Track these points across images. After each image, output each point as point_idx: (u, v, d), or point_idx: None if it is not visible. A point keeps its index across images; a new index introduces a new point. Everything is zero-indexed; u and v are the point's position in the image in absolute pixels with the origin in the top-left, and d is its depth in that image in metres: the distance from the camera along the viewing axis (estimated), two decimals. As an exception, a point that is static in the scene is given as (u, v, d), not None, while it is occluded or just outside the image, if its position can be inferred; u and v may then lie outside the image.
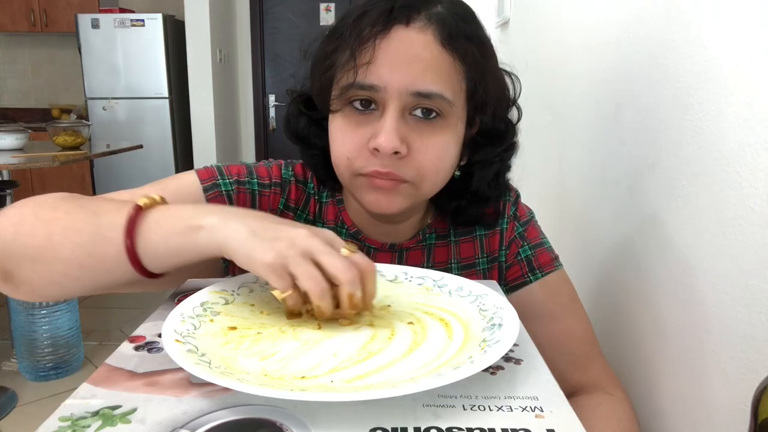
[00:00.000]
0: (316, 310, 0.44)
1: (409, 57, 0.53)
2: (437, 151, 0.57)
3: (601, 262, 0.86)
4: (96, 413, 0.33)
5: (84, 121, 3.25)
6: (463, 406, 0.34)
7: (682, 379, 0.61)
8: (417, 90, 0.54)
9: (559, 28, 1.12)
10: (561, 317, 0.67)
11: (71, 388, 1.77)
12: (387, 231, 0.67)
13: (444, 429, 0.32)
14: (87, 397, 0.34)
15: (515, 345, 0.42)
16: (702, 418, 0.57)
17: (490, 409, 0.34)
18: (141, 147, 2.93)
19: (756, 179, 0.49)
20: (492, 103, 0.60)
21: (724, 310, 0.53)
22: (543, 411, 0.34)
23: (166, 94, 3.99)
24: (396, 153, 0.54)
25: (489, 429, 0.32)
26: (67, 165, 2.55)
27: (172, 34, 3.98)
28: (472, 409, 0.34)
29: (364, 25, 0.54)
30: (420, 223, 0.69)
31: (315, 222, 0.68)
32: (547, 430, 0.32)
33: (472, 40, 0.56)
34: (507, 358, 0.41)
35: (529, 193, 0.84)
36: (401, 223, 0.66)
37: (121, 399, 0.34)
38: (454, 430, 0.32)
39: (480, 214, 0.67)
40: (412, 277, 0.55)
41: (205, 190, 0.63)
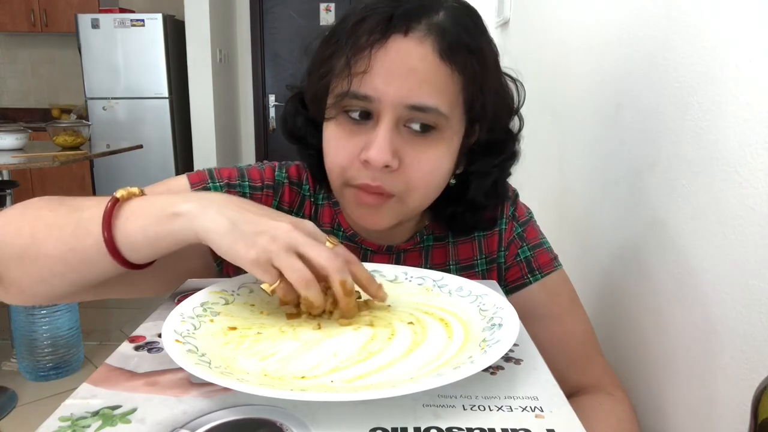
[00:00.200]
0: (305, 303, 0.44)
1: (406, 69, 0.52)
2: (429, 166, 0.56)
3: (601, 262, 0.86)
4: (96, 413, 0.33)
5: (84, 121, 3.25)
6: (463, 406, 0.34)
7: (683, 379, 0.61)
8: (412, 103, 0.53)
9: (559, 28, 1.12)
10: (561, 318, 0.67)
11: (71, 388, 1.76)
12: (384, 233, 0.66)
13: (444, 429, 0.32)
14: (87, 397, 0.34)
15: (515, 345, 0.42)
16: (702, 418, 0.57)
17: (490, 409, 0.34)
18: (141, 147, 2.94)
19: (756, 179, 0.49)
20: (491, 115, 0.58)
21: (725, 310, 0.53)
22: (543, 411, 0.34)
23: (166, 94, 3.99)
24: (387, 167, 0.54)
25: (489, 429, 0.32)
26: (67, 165, 2.55)
27: (172, 34, 3.98)
28: (472, 409, 0.34)
29: (362, 32, 0.52)
30: (417, 225, 0.68)
31: None
32: (547, 430, 0.32)
33: (473, 52, 0.54)
34: (507, 358, 0.40)
35: (529, 193, 0.84)
36: (398, 227, 0.66)
37: (121, 399, 0.34)
38: (454, 430, 0.32)
39: (476, 221, 0.66)
40: (412, 277, 0.55)
41: None
